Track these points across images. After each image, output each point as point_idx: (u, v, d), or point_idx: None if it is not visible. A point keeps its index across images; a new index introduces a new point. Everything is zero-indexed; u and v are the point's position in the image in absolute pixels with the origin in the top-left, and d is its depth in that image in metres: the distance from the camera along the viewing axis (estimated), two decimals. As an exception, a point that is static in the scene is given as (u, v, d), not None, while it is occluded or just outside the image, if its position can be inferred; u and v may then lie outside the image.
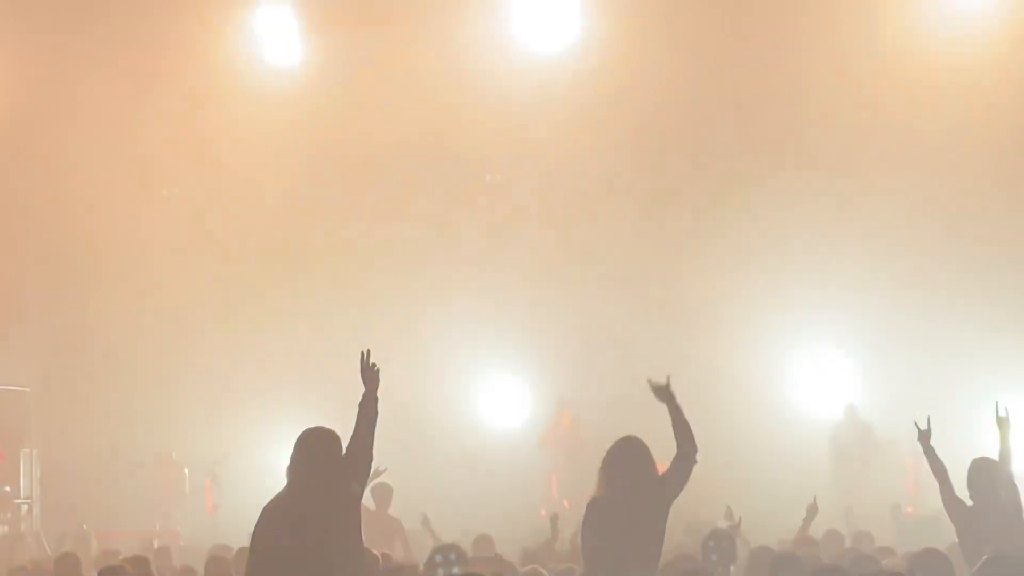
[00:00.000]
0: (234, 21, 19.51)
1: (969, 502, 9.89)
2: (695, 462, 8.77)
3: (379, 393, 8.10)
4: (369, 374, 8.13)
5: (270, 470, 15.57)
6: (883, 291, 20.22)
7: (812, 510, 11.61)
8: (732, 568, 9.68)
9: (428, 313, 20.16)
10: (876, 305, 20.27)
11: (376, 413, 8.04)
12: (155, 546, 14.91)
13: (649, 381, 8.90)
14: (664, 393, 8.83)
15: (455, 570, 8.47)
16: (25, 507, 19.92)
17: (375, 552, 9.29)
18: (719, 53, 19.59)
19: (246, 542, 11.49)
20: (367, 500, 11.75)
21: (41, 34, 19.70)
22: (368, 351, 8.14)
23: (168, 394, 20.55)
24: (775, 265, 20.15)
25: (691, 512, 14.76)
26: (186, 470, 20.74)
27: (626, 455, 8.84)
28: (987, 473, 9.91)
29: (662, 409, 8.91)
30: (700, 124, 20.25)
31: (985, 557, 6.70)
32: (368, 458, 8.07)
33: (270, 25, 19.41)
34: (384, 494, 14.98)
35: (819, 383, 21.08)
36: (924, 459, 10.19)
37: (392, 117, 19.70)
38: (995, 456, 10.05)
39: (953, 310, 19.80)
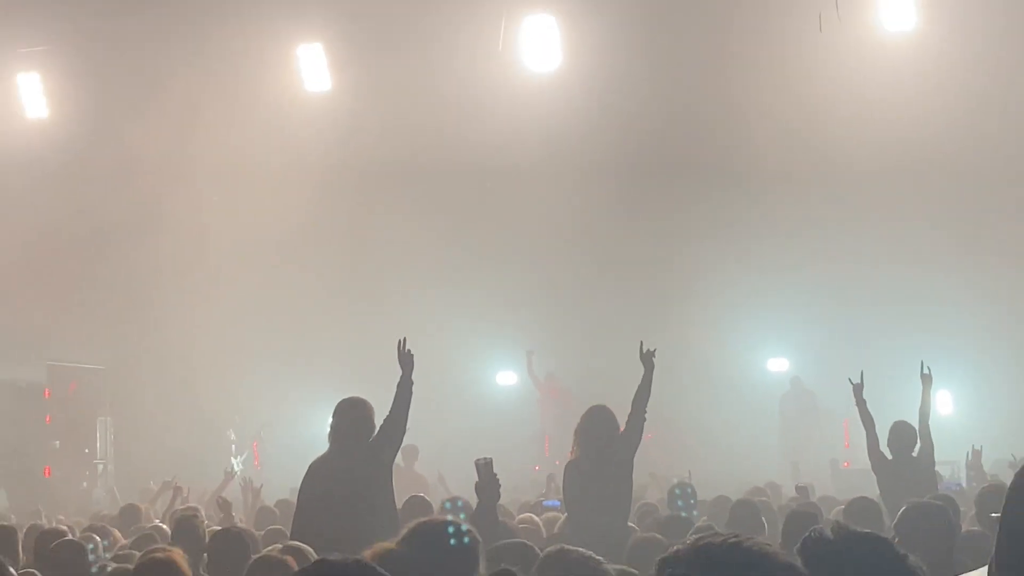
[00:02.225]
0: (274, 54, 19.51)
1: (889, 456, 10.41)
2: (645, 420, 9.03)
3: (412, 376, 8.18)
4: (405, 359, 8.16)
5: (303, 436, 15.77)
6: (830, 280, 20.07)
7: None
8: (696, 513, 9.89)
9: (439, 302, 20.18)
10: (822, 292, 20.16)
11: (411, 393, 8.06)
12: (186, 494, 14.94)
13: (641, 344, 9.19)
14: (648, 359, 9.13)
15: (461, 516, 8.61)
16: (101, 466, 20.74)
17: (427, 498, 9.51)
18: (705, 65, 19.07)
19: (280, 495, 11.72)
20: (396, 458, 11.88)
21: (102, 62, 19.71)
22: (405, 339, 8.20)
23: (219, 372, 20.67)
24: (738, 252, 19.99)
25: (663, 468, 14.95)
26: (232, 434, 20.91)
27: (595, 421, 8.98)
28: (905, 434, 10.51)
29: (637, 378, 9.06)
30: (683, 134, 19.88)
31: (904, 507, 6.79)
32: (401, 432, 8.06)
33: (305, 57, 19.34)
34: (411, 453, 15.22)
35: (770, 360, 21.15)
36: (859, 422, 10.52)
37: (406, 134, 19.71)
38: (915, 411, 10.51)
39: (893, 296, 19.62)
